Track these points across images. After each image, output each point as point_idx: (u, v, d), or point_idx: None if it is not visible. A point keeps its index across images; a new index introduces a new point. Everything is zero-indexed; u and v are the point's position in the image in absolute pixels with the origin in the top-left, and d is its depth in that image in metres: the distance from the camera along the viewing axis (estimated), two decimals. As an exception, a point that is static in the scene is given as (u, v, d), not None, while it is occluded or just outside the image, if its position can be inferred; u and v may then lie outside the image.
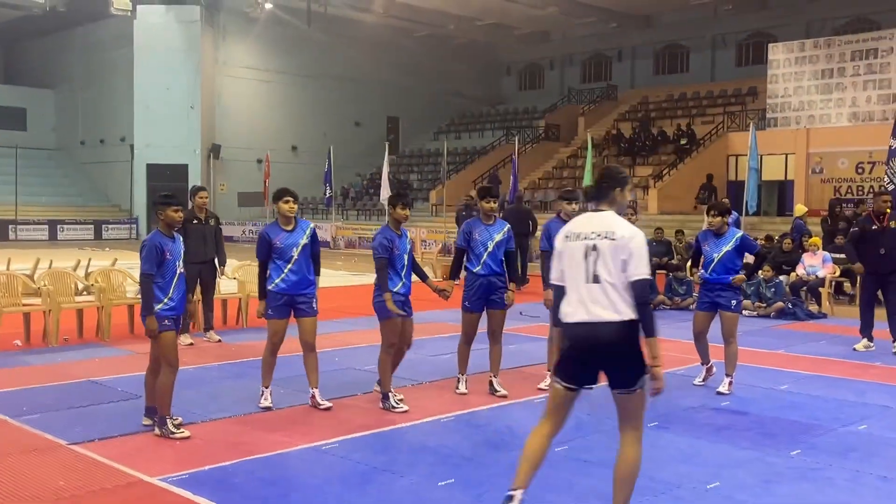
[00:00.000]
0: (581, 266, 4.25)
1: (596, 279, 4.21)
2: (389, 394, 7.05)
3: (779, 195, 29.80)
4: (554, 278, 4.44)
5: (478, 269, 7.45)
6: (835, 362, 9.53)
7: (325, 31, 37.18)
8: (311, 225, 7.14)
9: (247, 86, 37.96)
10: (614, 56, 41.79)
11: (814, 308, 13.67)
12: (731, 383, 7.82)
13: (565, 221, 7.83)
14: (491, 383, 7.65)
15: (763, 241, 17.34)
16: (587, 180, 23.22)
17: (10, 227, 34.17)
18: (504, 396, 7.52)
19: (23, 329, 10.08)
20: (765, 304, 13.25)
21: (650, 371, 4.19)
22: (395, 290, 6.92)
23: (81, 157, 41.35)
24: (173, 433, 6.12)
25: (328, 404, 7.05)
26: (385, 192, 27.75)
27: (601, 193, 4.38)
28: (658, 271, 16.65)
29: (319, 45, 38.01)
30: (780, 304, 13.19)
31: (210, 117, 36.81)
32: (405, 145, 42.77)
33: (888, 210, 10.03)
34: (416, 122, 43.15)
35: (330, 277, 17.67)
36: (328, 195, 30.01)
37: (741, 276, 7.96)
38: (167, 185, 35.67)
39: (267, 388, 7.10)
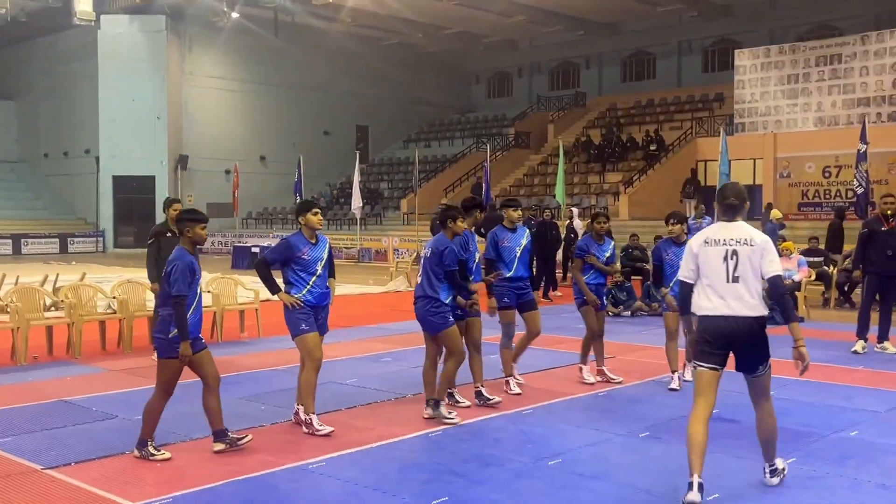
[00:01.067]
0: (721, 268, 4.99)
1: (736, 279, 4.95)
2: (442, 402, 7.06)
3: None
4: (685, 276, 5.18)
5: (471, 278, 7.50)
6: (818, 367, 9.44)
7: (293, 41, 36.94)
8: (328, 240, 7.06)
9: (214, 96, 37.54)
10: (582, 63, 42.00)
11: (790, 312, 13.70)
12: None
13: (508, 228, 7.98)
14: (480, 393, 7.56)
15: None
16: (559, 187, 23.24)
17: (-28, 241, 33.48)
18: (498, 403, 7.46)
19: (-10, 348, 9.79)
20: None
21: (796, 351, 5.00)
22: (446, 301, 7.00)
23: (45, 170, 40.66)
24: (153, 455, 5.91)
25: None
26: (356, 202, 27.53)
27: (737, 208, 5.06)
28: (634, 277, 16.66)
29: (287, 55, 37.73)
30: (757, 308, 13.21)
31: (177, 128, 36.34)
32: (375, 154, 42.60)
33: (889, 212, 10.12)
34: (385, 131, 43.01)
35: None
36: (298, 205, 29.74)
37: None
38: (134, 197, 35.34)
39: (314, 413, 6.74)
